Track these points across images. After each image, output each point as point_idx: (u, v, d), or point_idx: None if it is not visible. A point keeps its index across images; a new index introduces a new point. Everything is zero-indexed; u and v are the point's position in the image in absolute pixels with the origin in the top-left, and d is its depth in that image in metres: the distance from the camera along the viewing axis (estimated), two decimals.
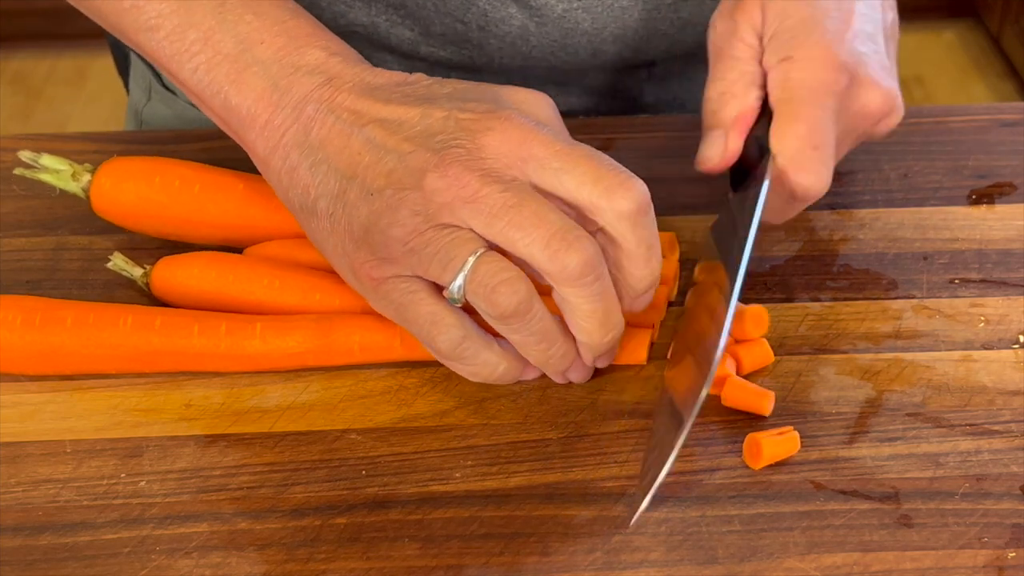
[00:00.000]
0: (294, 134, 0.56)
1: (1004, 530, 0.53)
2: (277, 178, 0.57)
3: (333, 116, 0.56)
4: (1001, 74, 2.46)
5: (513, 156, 0.53)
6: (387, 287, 0.55)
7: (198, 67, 0.58)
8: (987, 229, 0.69)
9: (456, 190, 0.52)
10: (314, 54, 0.57)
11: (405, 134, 0.54)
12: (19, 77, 2.49)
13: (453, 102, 0.55)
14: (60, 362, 0.59)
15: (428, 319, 0.54)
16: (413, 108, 0.55)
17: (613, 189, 0.53)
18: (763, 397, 0.58)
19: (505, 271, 0.52)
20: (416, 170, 0.53)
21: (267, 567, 0.52)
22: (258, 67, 0.57)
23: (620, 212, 0.53)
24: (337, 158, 0.55)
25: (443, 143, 0.53)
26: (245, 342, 0.59)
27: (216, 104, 0.58)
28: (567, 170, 0.53)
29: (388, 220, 0.53)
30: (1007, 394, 0.59)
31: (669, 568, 0.52)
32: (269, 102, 0.57)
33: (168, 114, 0.87)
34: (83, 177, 0.65)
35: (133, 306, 0.60)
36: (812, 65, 0.60)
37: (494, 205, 0.52)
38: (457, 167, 0.52)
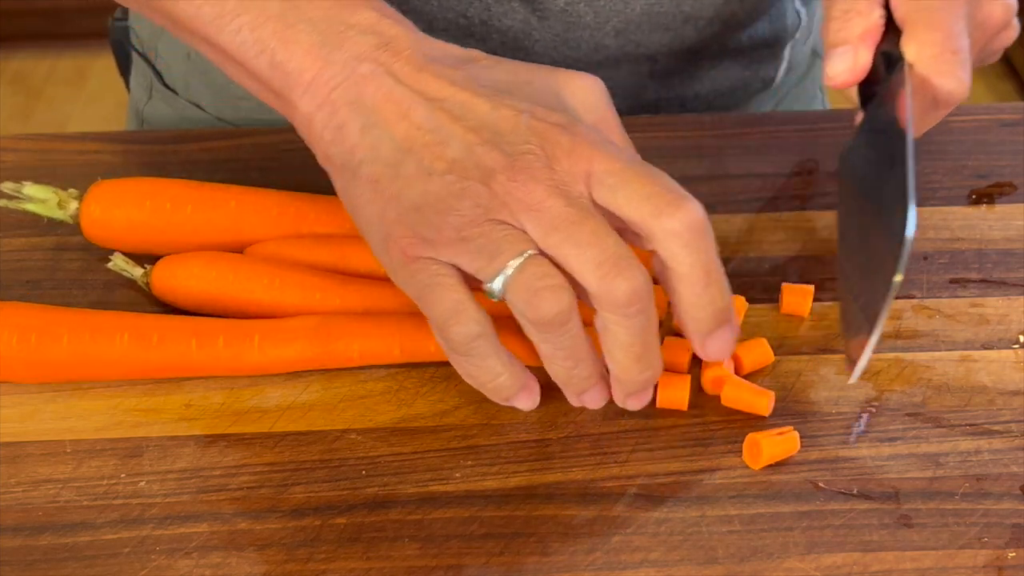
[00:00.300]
0: (344, 91, 0.54)
1: (1004, 530, 0.53)
2: (319, 135, 0.56)
3: (392, 80, 0.54)
4: (1001, 74, 2.46)
5: (578, 170, 0.52)
6: (418, 266, 0.53)
7: (241, 27, 0.56)
8: (987, 229, 0.69)
9: (522, 195, 0.52)
10: (365, 14, 0.56)
11: (471, 124, 0.53)
12: (19, 77, 2.49)
13: (521, 101, 0.54)
14: (57, 374, 0.60)
15: (451, 306, 0.53)
16: (481, 98, 0.54)
17: (663, 207, 0.52)
18: (762, 396, 0.58)
19: (552, 277, 0.52)
20: (485, 167, 0.52)
21: (267, 567, 0.52)
22: (306, 24, 0.55)
23: (669, 231, 0.52)
24: (394, 127, 0.54)
25: (514, 147, 0.53)
26: (244, 354, 0.59)
27: (261, 64, 0.56)
28: (620, 187, 0.52)
29: (446, 205, 0.52)
30: (1007, 394, 0.59)
31: (669, 568, 0.52)
32: (318, 56, 0.55)
33: (169, 113, 0.87)
34: (70, 204, 0.64)
35: (129, 316, 0.60)
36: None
37: (556, 217, 0.51)
38: (527, 175, 0.52)
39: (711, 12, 0.77)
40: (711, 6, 0.77)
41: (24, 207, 0.64)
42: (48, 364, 0.59)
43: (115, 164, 0.74)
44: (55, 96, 2.44)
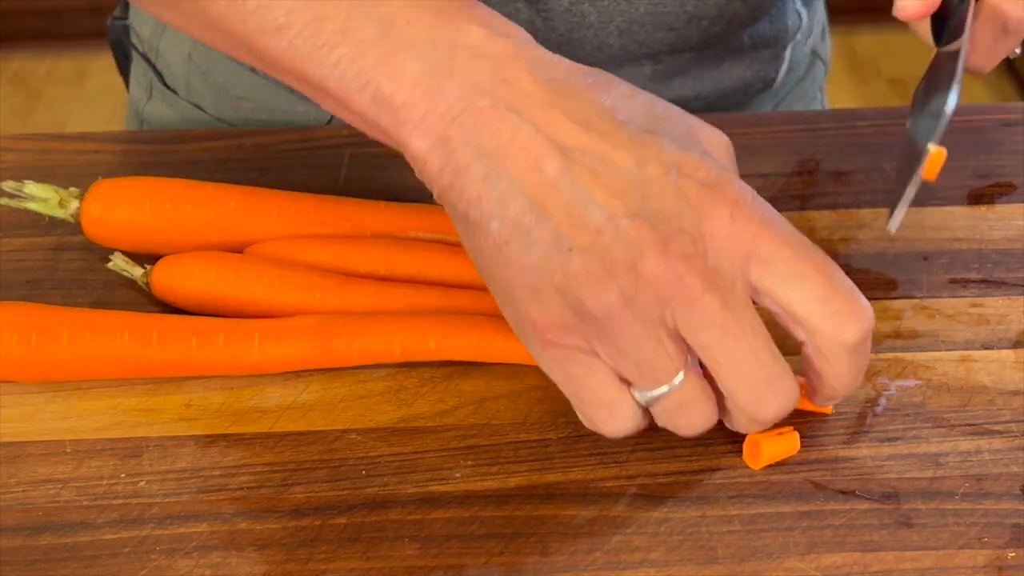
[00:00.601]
0: (462, 127, 0.48)
1: (1004, 530, 0.53)
2: (435, 179, 0.50)
3: (517, 118, 0.48)
4: (1001, 74, 2.46)
5: (738, 252, 0.47)
6: (563, 355, 0.50)
7: (339, 60, 0.50)
8: (987, 229, 0.69)
9: (675, 286, 0.47)
10: (473, 31, 0.50)
11: (614, 185, 0.47)
12: (19, 77, 2.49)
13: (665, 149, 0.48)
14: (57, 374, 0.60)
15: (606, 402, 0.50)
16: (622, 151, 0.47)
17: (841, 316, 0.48)
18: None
19: (699, 401, 0.50)
20: (633, 245, 0.46)
21: (267, 567, 0.52)
22: (410, 50, 0.49)
23: (842, 343, 0.49)
24: (523, 179, 0.47)
25: (666, 222, 0.47)
26: (244, 353, 0.59)
27: (364, 99, 0.50)
28: (793, 281, 0.48)
29: (588, 292, 0.47)
30: (1007, 394, 0.59)
31: (669, 568, 0.52)
32: (427, 89, 0.49)
33: (169, 113, 0.87)
34: (71, 204, 0.64)
35: (129, 315, 0.60)
36: None
37: (712, 319, 0.47)
38: (680, 263, 0.46)
39: (714, 12, 0.78)
40: (714, 6, 0.77)
41: (25, 206, 0.64)
42: (48, 363, 0.59)
43: (115, 164, 0.74)
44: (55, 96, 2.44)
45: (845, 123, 0.77)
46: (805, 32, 0.89)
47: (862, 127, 0.76)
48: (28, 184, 0.64)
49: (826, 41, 0.96)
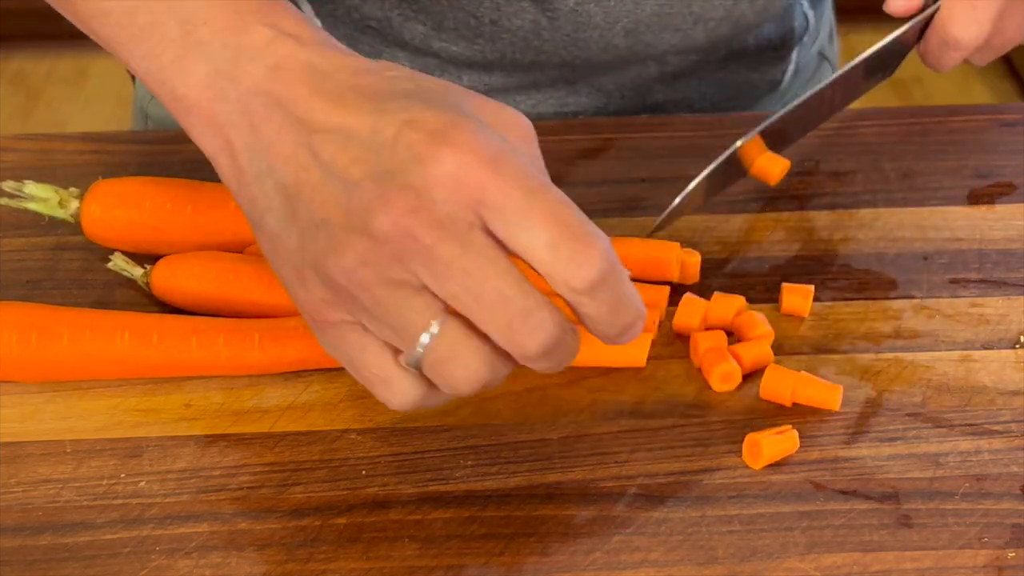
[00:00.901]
0: (239, 132, 0.49)
1: (1004, 530, 0.53)
2: (227, 180, 0.51)
3: (281, 114, 0.48)
4: (1001, 74, 2.46)
5: (467, 199, 0.45)
6: (335, 333, 0.49)
7: (145, 55, 0.52)
8: (987, 229, 0.69)
9: (406, 242, 0.45)
10: (259, 32, 0.50)
11: (353, 153, 0.47)
12: (19, 77, 2.49)
13: (407, 109, 0.47)
14: (57, 374, 0.60)
15: (381, 376, 0.49)
16: (364, 115, 0.47)
17: (568, 262, 0.46)
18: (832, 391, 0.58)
19: (462, 349, 0.47)
20: (362, 208, 0.46)
21: (267, 567, 0.52)
22: (201, 50, 0.50)
23: (573, 288, 0.46)
24: (284, 168, 0.48)
25: (392, 179, 0.46)
26: (244, 353, 0.59)
27: (164, 96, 0.52)
28: (523, 227, 0.45)
29: (334, 263, 0.47)
30: (1007, 394, 0.59)
31: (669, 568, 0.52)
32: (213, 91, 0.50)
33: None
34: (71, 204, 0.64)
35: (130, 315, 0.60)
36: None
37: (450, 267, 0.45)
38: (408, 217, 0.45)
39: (720, 13, 0.78)
40: (721, 7, 0.77)
41: (25, 206, 0.64)
42: (48, 363, 0.59)
43: (115, 164, 0.74)
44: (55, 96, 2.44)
45: (845, 123, 0.77)
46: (812, 34, 0.89)
47: (862, 127, 0.76)
48: (28, 184, 0.64)
49: (834, 43, 0.96)
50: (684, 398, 0.59)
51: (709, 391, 0.59)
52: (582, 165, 0.73)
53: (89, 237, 0.65)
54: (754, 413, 0.58)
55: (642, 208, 0.70)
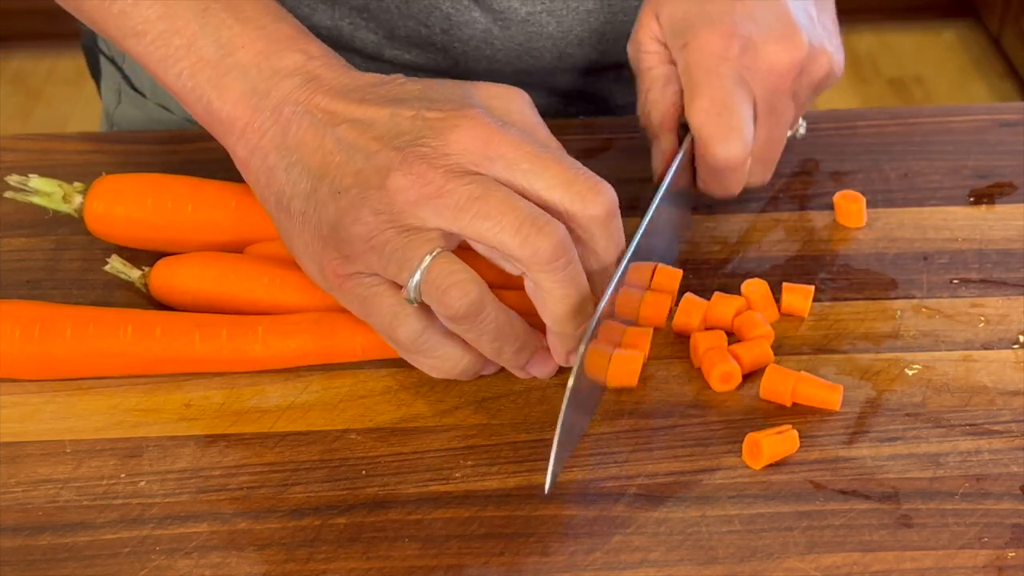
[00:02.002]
0: (272, 136, 0.57)
1: (1004, 530, 0.53)
2: (255, 180, 0.58)
3: (309, 117, 0.56)
4: (1001, 74, 2.46)
5: (479, 154, 0.53)
6: (351, 284, 0.55)
7: (182, 72, 0.59)
8: (987, 229, 0.69)
9: (420, 187, 0.52)
10: (293, 58, 0.58)
11: (374, 133, 0.54)
12: (19, 77, 2.49)
13: (422, 101, 0.55)
14: (60, 369, 0.60)
15: (389, 313, 0.55)
16: (384, 108, 0.55)
17: (585, 194, 0.53)
18: (833, 391, 0.58)
19: (458, 272, 0.52)
20: (381, 169, 0.53)
21: (267, 567, 0.52)
22: (238, 71, 0.58)
23: (592, 217, 0.54)
24: (311, 158, 0.56)
25: (408, 142, 0.53)
26: (247, 347, 0.59)
27: (199, 109, 0.59)
28: (537, 172, 0.53)
29: (352, 218, 0.53)
30: (1007, 394, 0.59)
31: (669, 568, 0.52)
32: (248, 105, 0.57)
33: (138, 116, 0.87)
34: (74, 199, 0.65)
35: (133, 311, 0.60)
36: (703, 43, 0.63)
37: (460, 198, 0.52)
38: (421, 165, 0.53)
39: None
40: None
41: (30, 199, 0.65)
42: (52, 359, 0.59)
43: (115, 164, 0.74)
44: (55, 96, 2.44)
45: (845, 123, 0.77)
46: None
47: (862, 127, 0.76)
48: (33, 178, 0.64)
49: None
50: (684, 398, 0.59)
51: (709, 391, 0.59)
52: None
53: (92, 232, 0.65)
54: (754, 413, 0.58)
55: (642, 208, 0.69)
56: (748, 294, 0.63)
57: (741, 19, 0.63)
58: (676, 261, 0.66)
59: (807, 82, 0.65)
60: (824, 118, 0.78)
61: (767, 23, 0.63)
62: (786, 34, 0.63)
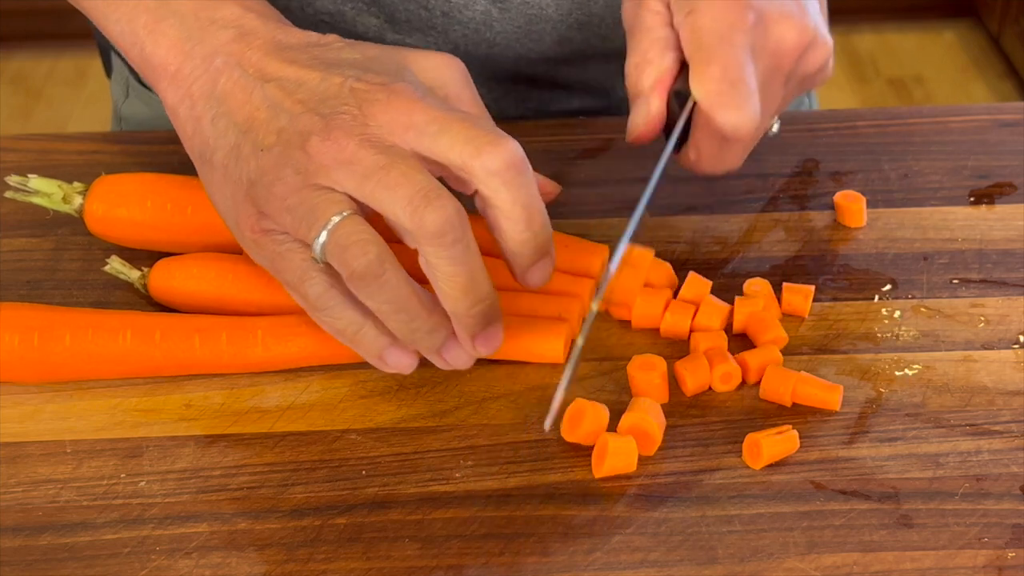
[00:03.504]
0: (202, 85, 0.57)
1: (1004, 530, 0.53)
2: (182, 128, 0.59)
3: (240, 70, 0.57)
4: (1001, 74, 2.46)
5: (396, 124, 0.54)
6: (265, 239, 0.56)
7: (120, 18, 0.60)
8: (987, 229, 0.69)
9: (335, 152, 0.53)
10: (230, 9, 0.59)
11: (300, 96, 0.55)
12: (19, 77, 2.49)
13: (354, 69, 0.56)
14: (59, 374, 0.60)
15: (299, 269, 0.55)
16: (314, 71, 0.56)
17: (483, 147, 0.53)
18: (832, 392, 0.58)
19: (360, 232, 0.53)
20: (303, 132, 0.54)
21: (267, 567, 0.52)
22: (174, 19, 0.59)
23: (489, 169, 0.53)
24: (237, 112, 0.56)
25: (332, 108, 0.54)
26: (247, 350, 0.59)
27: (135, 54, 0.60)
28: (442, 132, 0.54)
29: (272, 177, 0.54)
30: (1007, 394, 0.59)
31: (669, 568, 0.52)
32: (181, 52, 0.58)
33: (145, 111, 0.87)
34: (74, 199, 0.65)
35: (131, 315, 0.60)
36: (715, 9, 0.60)
37: (368, 166, 0.53)
38: (340, 132, 0.54)
39: None
40: None
41: (30, 199, 0.65)
42: (51, 364, 0.59)
43: (115, 164, 0.74)
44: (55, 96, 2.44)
45: (845, 123, 0.77)
46: None
47: (862, 127, 0.76)
48: (33, 178, 0.64)
49: None
50: (683, 397, 0.59)
51: (709, 391, 0.59)
52: (582, 165, 0.74)
53: (92, 232, 0.65)
54: (754, 413, 0.58)
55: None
56: (752, 294, 0.63)
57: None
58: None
59: (802, 70, 0.63)
60: (824, 118, 0.78)
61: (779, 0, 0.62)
62: (796, 14, 0.61)
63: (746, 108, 0.59)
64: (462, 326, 0.55)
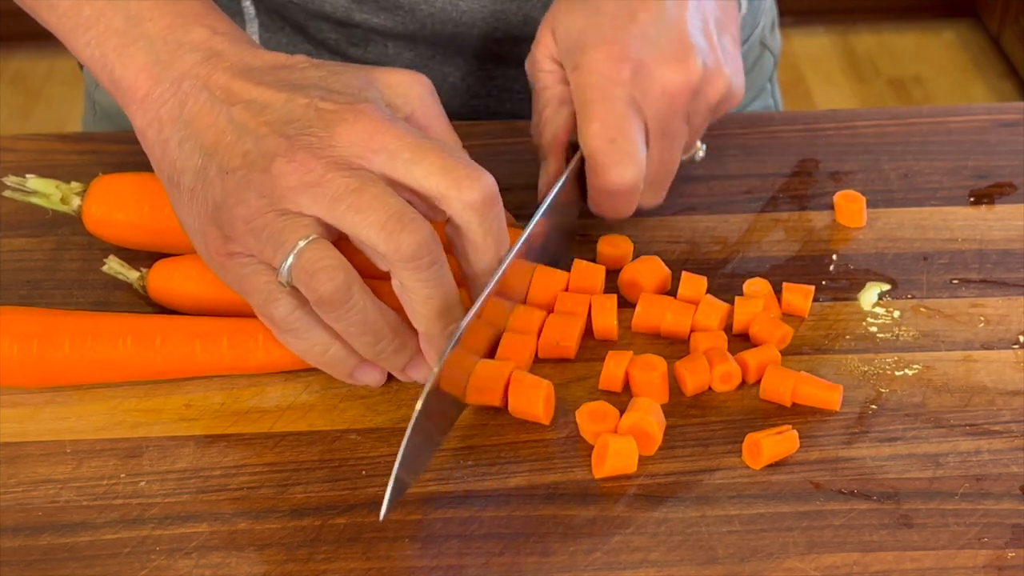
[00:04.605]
0: (170, 108, 0.58)
1: (1004, 530, 0.53)
2: (151, 150, 0.59)
3: (207, 93, 0.57)
4: (1001, 74, 2.46)
5: (363, 147, 0.54)
6: (231, 262, 0.56)
7: (90, 41, 0.60)
8: (987, 229, 0.69)
9: (301, 175, 0.53)
10: (198, 32, 0.59)
11: (266, 117, 0.55)
12: (19, 77, 2.49)
13: (319, 90, 0.56)
14: (59, 379, 0.59)
15: (265, 291, 0.55)
16: (280, 92, 0.56)
17: (461, 180, 0.54)
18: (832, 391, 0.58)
19: (327, 258, 0.53)
20: (267, 153, 0.54)
21: (267, 567, 0.52)
22: (144, 42, 0.59)
23: (467, 203, 0.54)
24: (204, 134, 0.56)
25: (297, 130, 0.54)
26: (248, 354, 0.59)
27: (104, 77, 0.60)
28: (417, 161, 0.54)
29: (236, 199, 0.54)
30: (1007, 394, 0.59)
31: (669, 568, 0.52)
32: (150, 76, 0.58)
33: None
34: (72, 200, 0.65)
35: (131, 318, 0.60)
36: (594, 65, 0.62)
37: (337, 189, 0.53)
38: (305, 154, 0.53)
39: None
40: None
41: (28, 199, 0.65)
42: (50, 370, 0.59)
43: (114, 164, 0.74)
44: (55, 96, 2.44)
45: (844, 123, 0.77)
46: (746, 17, 0.87)
47: (861, 127, 0.76)
48: (31, 179, 0.64)
49: (775, 34, 0.95)
50: (683, 397, 0.59)
51: (709, 391, 0.59)
52: None
53: (91, 232, 0.65)
54: (754, 413, 0.58)
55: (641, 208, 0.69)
56: (752, 294, 0.63)
57: (634, 39, 0.62)
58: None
59: (703, 105, 0.64)
60: (824, 118, 0.78)
61: (660, 44, 0.62)
62: (679, 56, 0.62)
63: (625, 165, 0.61)
64: (432, 347, 0.56)
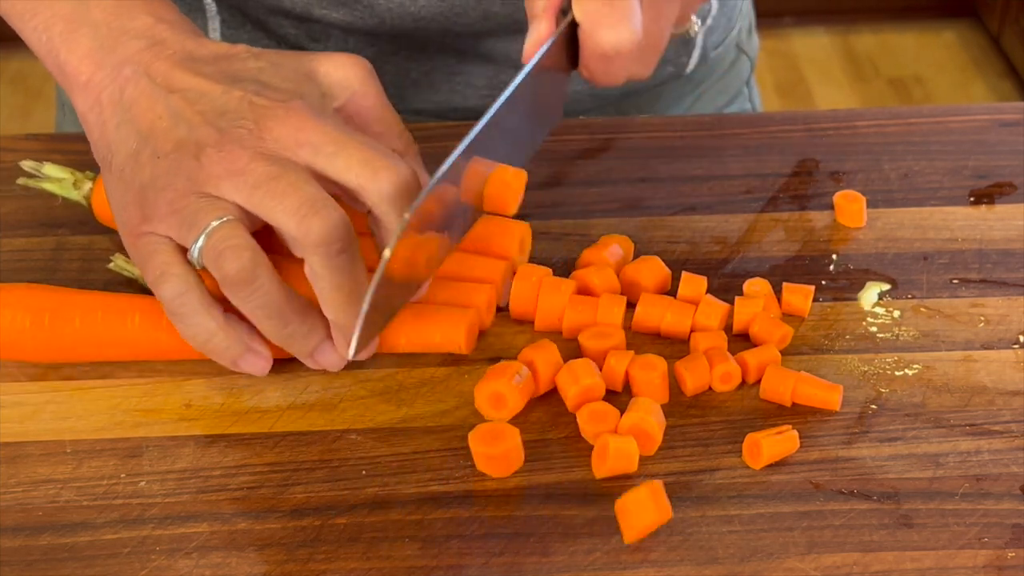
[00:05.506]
0: (110, 93, 0.59)
1: (1004, 530, 0.53)
2: (90, 132, 0.60)
3: (147, 79, 0.58)
4: (1001, 74, 2.46)
5: (290, 140, 0.55)
6: (141, 241, 0.57)
7: (37, 26, 0.61)
8: (987, 229, 0.69)
9: (227, 164, 0.55)
10: (143, 20, 0.60)
11: (201, 107, 0.57)
12: (19, 77, 2.49)
13: (256, 84, 0.58)
14: (68, 355, 0.60)
15: (158, 269, 0.56)
16: (217, 84, 0.58)
17: (378, 171, 0.55)
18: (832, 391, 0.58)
19: (235, 238, 0.54)
20: (199, 142, 0.56)
21: (267, 567, 0.52)
22: (89, 28, 0.60)
23: (382, 193, 0.55)
24: (141, 119, 0.58)
25: (230, 122, 0.56)
26: None
27: (50, 62, 0.61)
28: (337, 153, 0.55)
29: (164, 183, 0.56)
30: (1007, 394, 0.59)
31: (669, 568, 0.52)
32: (93, 61, 0.60)
33: None
34: (84, 185, 0.66)
35: (141, 298, 0.61)
36: None
37: (258, 177, 0.54)
38: (234, 145, 0.55)
39: None
40: None
41: (42, 185, 0.66)
42: (61, 345, 0.59)
43: None
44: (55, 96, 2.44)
45: (844, 123, 0.77)
46: (720, 20, 0.87)
47: (862, 127, 0.76)
48: (47, 165, 0.66)
49: (752, 38, 0.95)
50: (683, 397, 0.59)
51: (709, 391, 0.59)
52: (582, 165, 0.74)
53: (99, 219, 0.66)
54: (754, 413, 0.58)
55: (641, 208, 0.70)
56: (752, 294, 0.63)
57: None
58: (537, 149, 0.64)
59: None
60: (824, 118, 0.78)
61: None
62: None
63: (624, 26, 0.59)
64: (342, 334, 0.56)
